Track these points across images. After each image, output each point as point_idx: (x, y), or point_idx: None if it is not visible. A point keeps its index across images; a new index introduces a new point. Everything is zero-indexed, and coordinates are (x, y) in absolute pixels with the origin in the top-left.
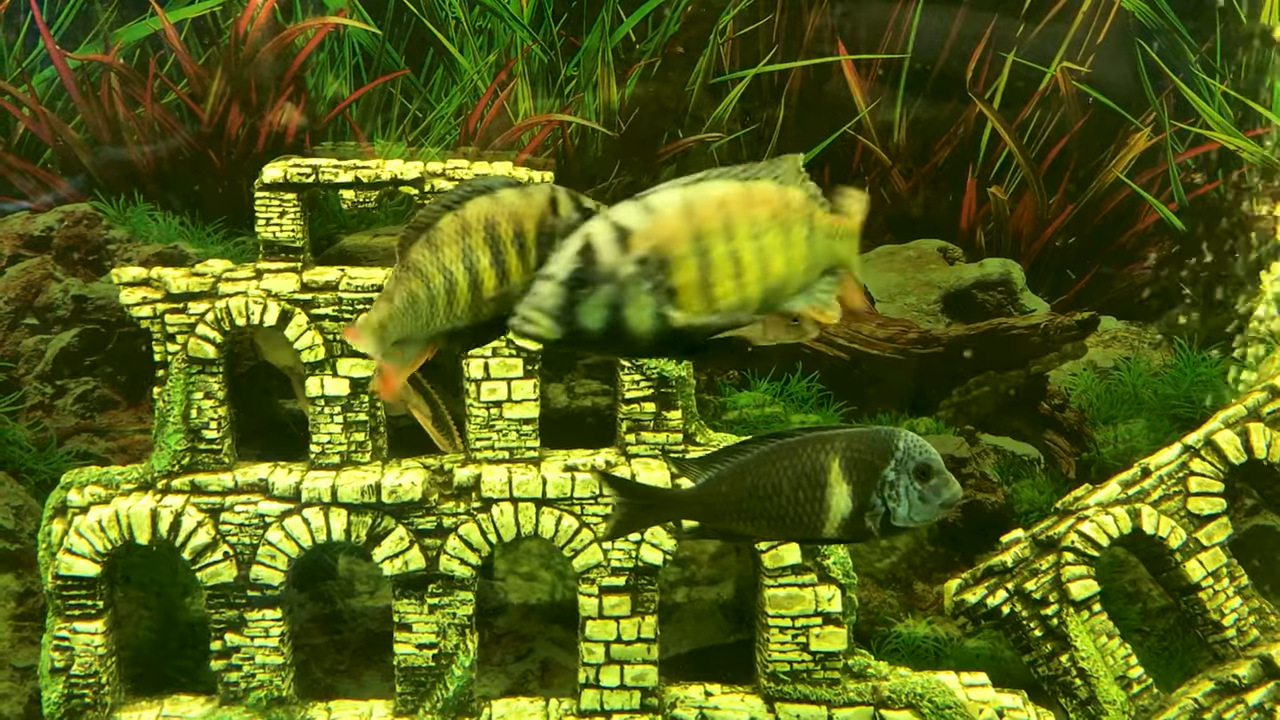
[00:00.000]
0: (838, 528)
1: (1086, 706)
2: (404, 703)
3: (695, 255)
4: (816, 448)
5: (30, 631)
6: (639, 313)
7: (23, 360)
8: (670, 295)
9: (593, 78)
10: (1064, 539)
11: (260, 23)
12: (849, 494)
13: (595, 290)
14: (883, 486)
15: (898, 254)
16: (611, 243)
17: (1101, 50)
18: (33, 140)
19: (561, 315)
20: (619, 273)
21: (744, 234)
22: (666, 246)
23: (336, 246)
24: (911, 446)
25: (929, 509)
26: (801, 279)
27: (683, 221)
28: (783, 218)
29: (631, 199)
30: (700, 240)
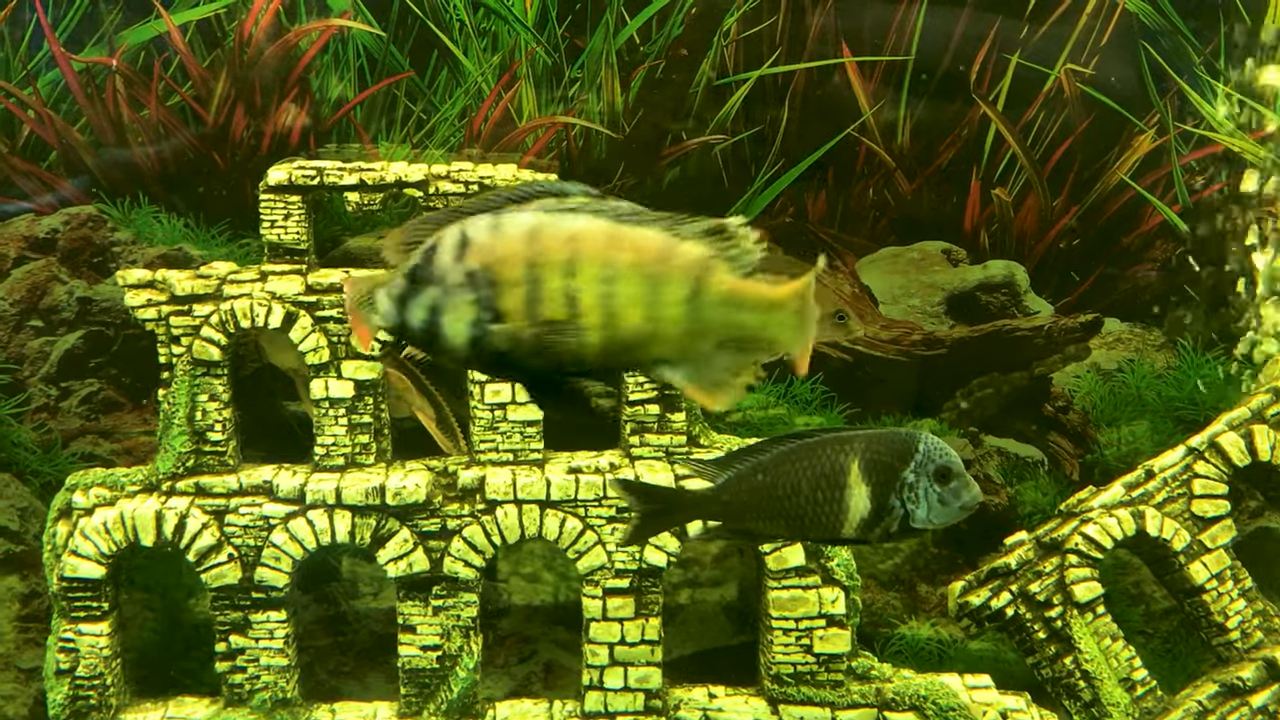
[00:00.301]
0: (856, 529)
1: (1090, 708)
2: (408, 704)
3: (526, 283)
4: (836, 449)
5: (35, 633)
6: (456, 322)
7: (28, 362)
8: (495, 316)
9: (596, 80)
10: (1068, 541)
11: (265, 25)
12: (868, 495)
13: (423, 290)
14: (902, 488)
15: (901, 256)
16: (451, 249)
17: (1105, 52)
18: (38, 143)
19: (395, 306)
20: (447, 278)
21: (589, 275)
22: (498, 266)
23: (341, 249)
24: (932, 449)
25: (948, 511)
26: (680, 345)
27: (523, 245)
28: (651, 270)
29: (497, 212)
30: (535, 269)
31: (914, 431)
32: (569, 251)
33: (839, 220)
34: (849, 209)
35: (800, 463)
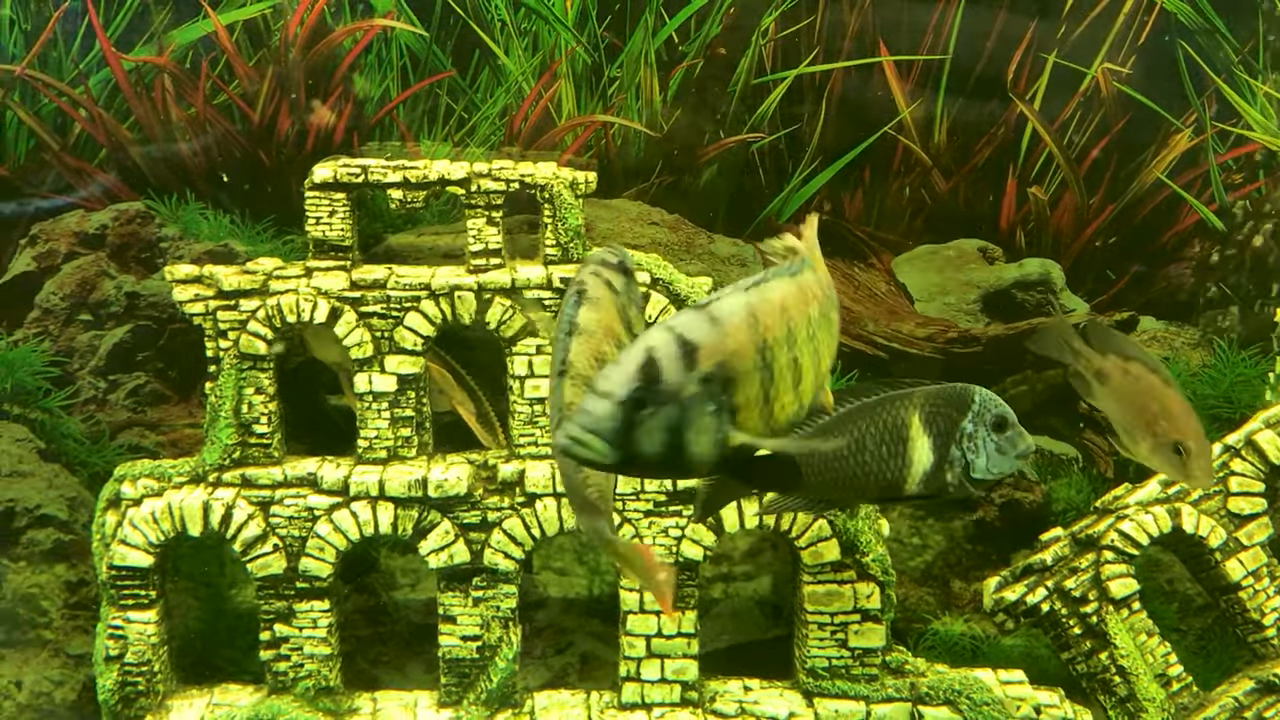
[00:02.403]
0: (919, 482)
1: (1126, 704)
2: (448, 693)
3: (760, 369)
4: (896, 404)
5: (84, 620)
6: (699, 436)
7: (77, 355)
8: (732, 415)
9: (635, 79)
10: (1103, 538)
11: (310, 25)
12: (930, 447)
13: (657, 412)
14: (962, 439)
15: (938, 254)
16: (676, 359)
17: (1143, 51)
18: (89, 140)
19: (617, 438)
20: (683, 393)
21: (803, 337)
22: (733, 361)
23: (383, 245)
24: (987, 399)
25: (1006, 461)
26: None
27: (749, 332)
28: (818, 310)
29: (694, 306)
30: (766, 351)
31: (967, 385)
32: (785, 321)
33: (875, 218)
34: (885, 207)
35: (862, 421)
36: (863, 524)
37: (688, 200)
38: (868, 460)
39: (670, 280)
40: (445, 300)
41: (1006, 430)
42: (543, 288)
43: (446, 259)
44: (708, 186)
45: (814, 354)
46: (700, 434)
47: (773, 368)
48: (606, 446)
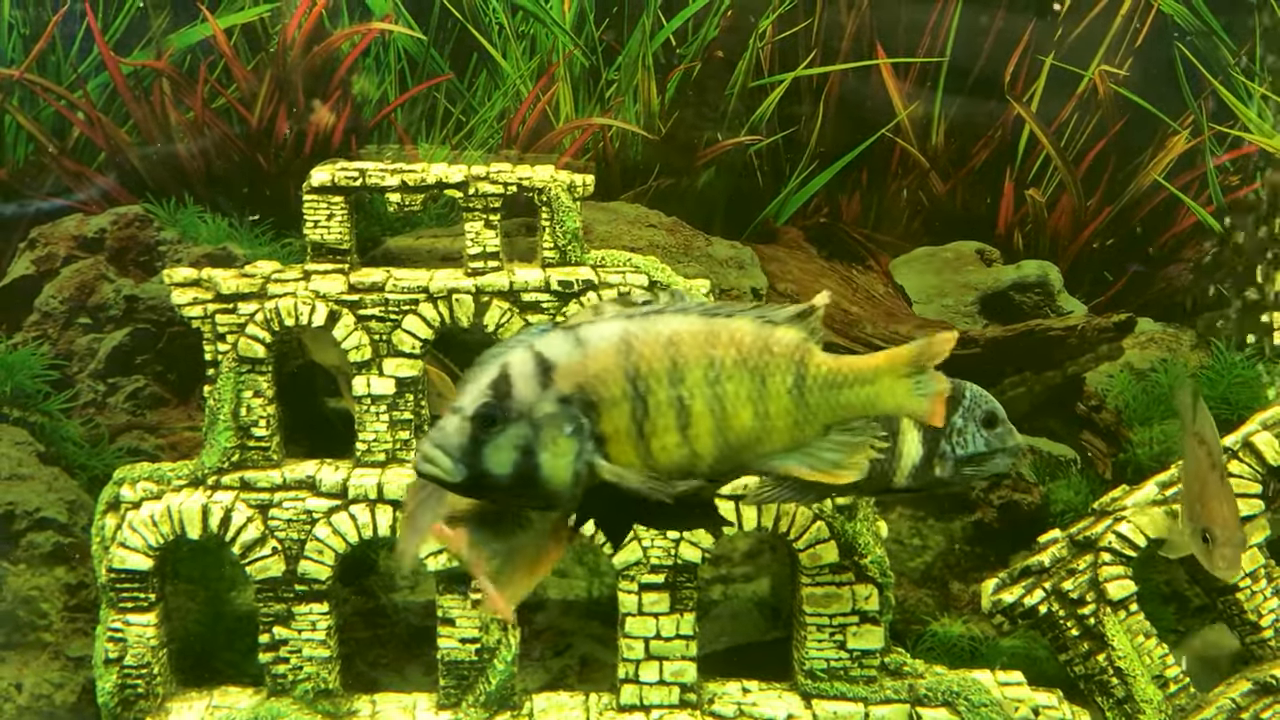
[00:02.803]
0: (908, 476)
1: (1123, 705)
2: (447, 696)
3: (630, 399)
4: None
5: (83, 623)
6: (555, 460)
7: (76, 358)
8: (599, 444)
9: (633, 81)
10: (1101, 539)
11: (308, 28)
12: (919, 440)
13: (506, 430)
14: (951, 433)
15: (936, 256)
16: (530, 376)
17: (1140, 53)
18: (87, 144)
19: (464, 456)
20: (535, 412)
21: (697, 378)
22: (595, 386)
23: (381, 248)
24: (977, 395)
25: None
26: (790, 435)
27: (617, 358)
28: (754, 368)
29: (566, 325)
30: (639, 381)
31: (958, 380)
32: (670, 356)
33: (873, 220)
34: (883, 209)
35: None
36: (861, 526)
37: (685, 202)
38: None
39: (669, 283)
40: (443, 303)
41: (996, 426)
42: (541, 290)
43: (444, 262)
44: (706, 189)
45: (715, 403)
46: (557, 458)
47: (646, 400)
48: (452, 464)
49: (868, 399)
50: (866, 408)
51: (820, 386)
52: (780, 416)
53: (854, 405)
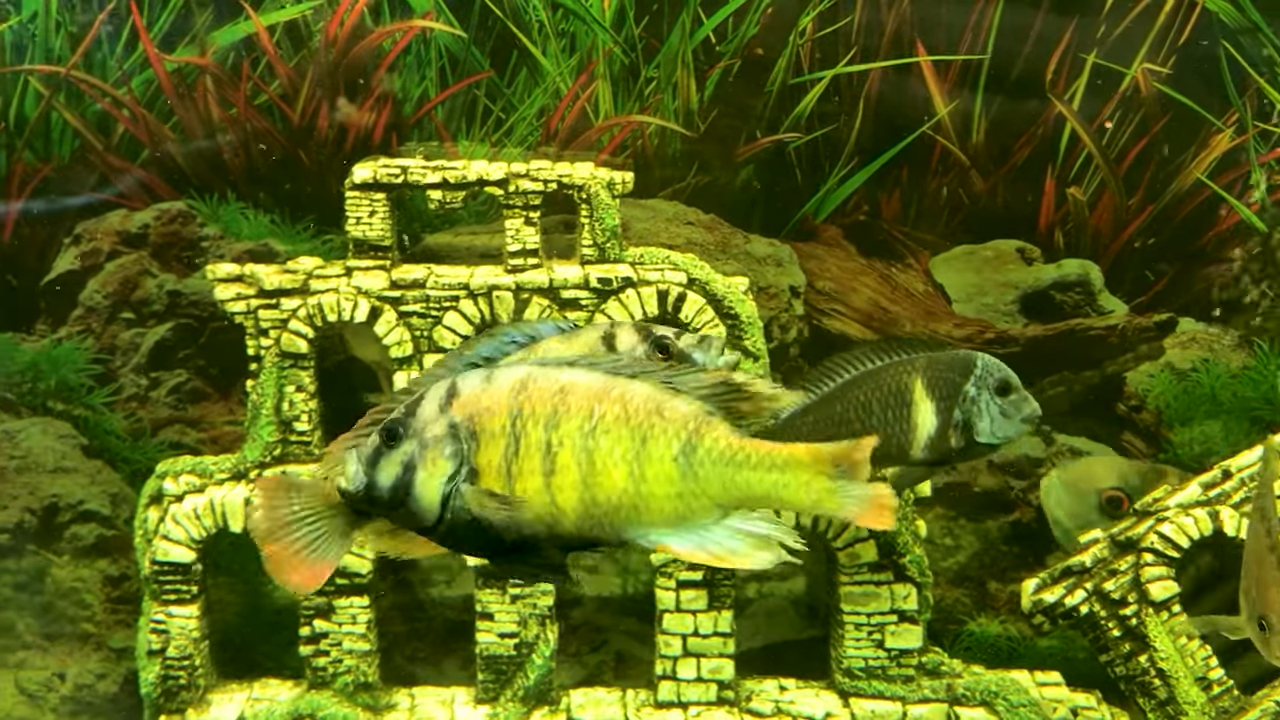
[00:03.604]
0: (924, 447)
1: (1165, 707)
2: (485, 690)
3: (507, 435)
4: (899, 370)
5: (125, 614)
6: (429, 479)
7: (119, 353)
8: (472, 474)
9: (672, 79)
10: (1143, 540)
11: (349, 26)
12: (934, 410)
13: (399, 445)
14: (965, 401)
15: (975, 254)
16: (439, 400)
17: (1183, 50)
18: (131, 140)
19: (365, 467)
20: (426, 432)
21: (572, 428)
22: (482, 418)
23: (421, 245)
24: (989, 364)
25: (1010, 425)
26: (673, 508)
27: (510, 397)
28: (639, 424)
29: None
30: (519, 420)
31: (970, 351)
32: (554, 403)
33: (913, 218)
34: (923, 207)
35: (867, 386)
36: (900, 525)
37: (724, 200)
38: (874, 425)
39: (707, 280)
40: (484, 300)
41: (1010, 394)
42: (580, 287)
43: (483, 259)
44: (744, 186)
45: (584, 455)
46: (431, 478)
47: (519, 440)
48: (353, 471)
49: (772, 487)
50: (770, 497)
51: (714, 460)
52: (660, 484)
53: (754, 491)
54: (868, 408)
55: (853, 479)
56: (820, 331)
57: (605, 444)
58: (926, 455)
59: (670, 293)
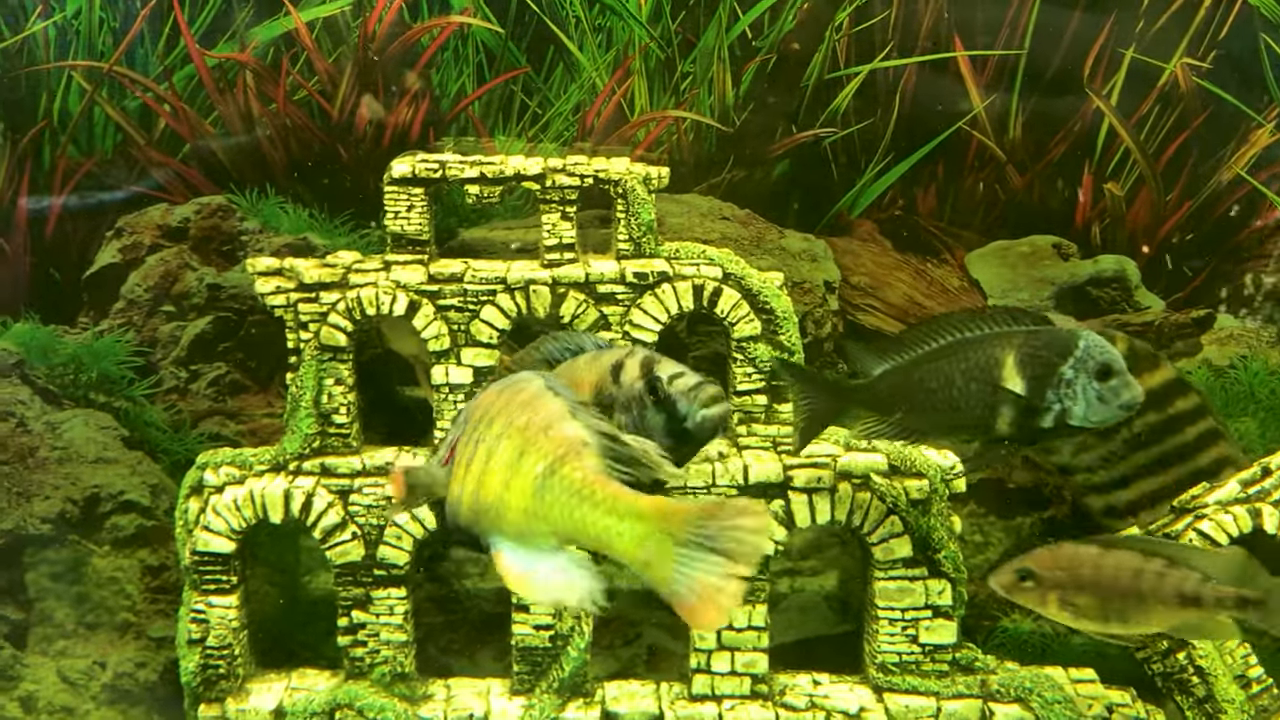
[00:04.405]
0: (1010, 424)
1: (1204, 705)
2: (521, 682)
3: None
4: (992, 343)
5: (164, 604)
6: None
7: (160, 346)
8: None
9: (708, 74)
10: (1181, 537)
11: (388, 22)
12: (1024, 389)
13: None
14: (1060, 384)
15: (1011, 250)
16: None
17: (1223, 45)
18: (172, 135)
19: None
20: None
21: (494, 430)
22: (472, 410)
23: (458, 239)
24: (1092, 346)
25: (1107, 410)
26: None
27: (493, 395)
28: (525, 439)
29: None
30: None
31: (1074, 329)
32: (500, 404)
33: (948, 214)
34: (959, 202)
35: (956, 355)
36: (935, 521)
37: (759, 195)
38: (955, 396)
39: (742, 275)
40: (520, 294)
41: (1111, 378)
42: (616, 282)
43: (519, 253)
44: (779, 181)
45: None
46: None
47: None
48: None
49: (604, 532)
50: (600, 541)
51: (563, 489)
52: (518, 497)
53: (588, 530)
54: (949, 378)
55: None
56: (854, 327)
57: (499, 448)
58: (1012, 433)
59: (706, 287)
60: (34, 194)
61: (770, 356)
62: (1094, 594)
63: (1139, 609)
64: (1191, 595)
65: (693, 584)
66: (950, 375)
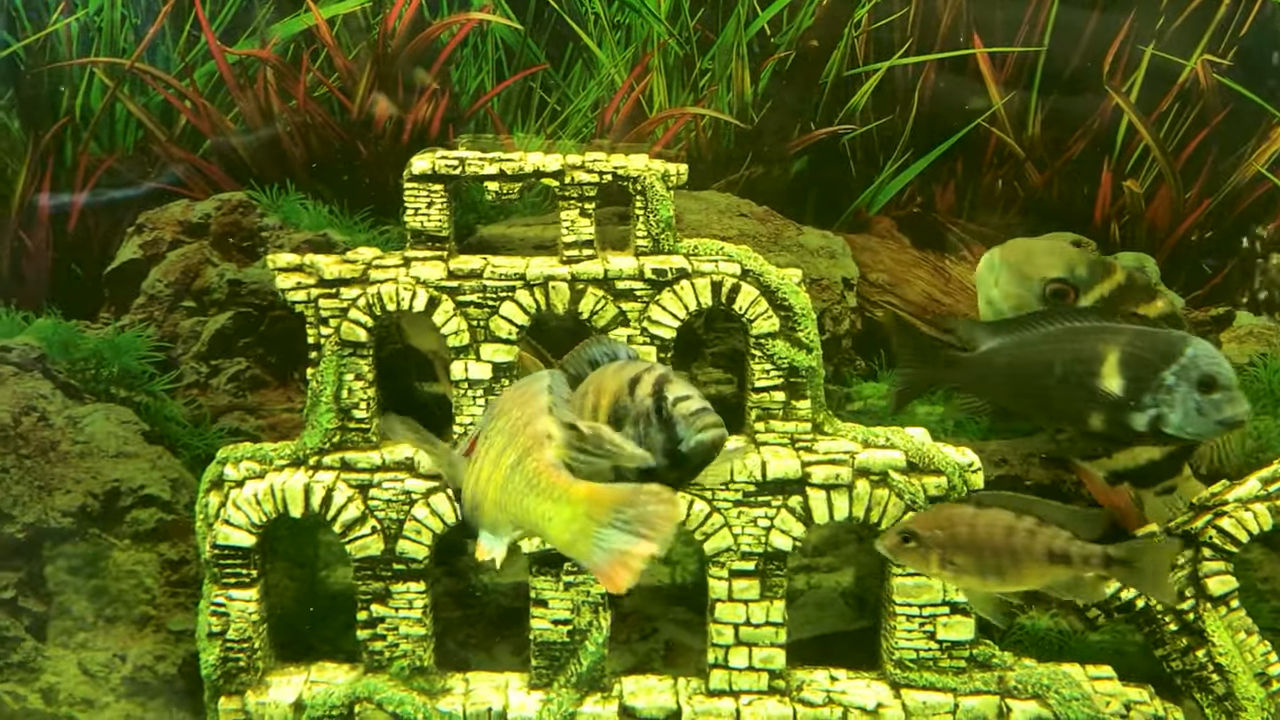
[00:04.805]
0: (1102, 421)
1: (1223, 702)
2: (539, 676)
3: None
4: (1098, 336)
5: (184, 597)
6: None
7: (180, 341)
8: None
9: (727, 71)
10: (1201, 534)
11: (408, 18)
12: (1121, 389)
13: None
14: (1159, 389)
15: None
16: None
17: (1244, 42)
18: (193, 131)
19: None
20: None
21: (498, 426)
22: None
23: (476, 236)
24: (1200, 355)
25: (1205, 424)
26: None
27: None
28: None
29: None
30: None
31: (1186, 335)
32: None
33: (967, 211)
34: (977, 199)
35: (1060, 344)
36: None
37: (777, 192)
38: (1052, 385)
39: (761, 272)
40: (540, 290)
41: (1214, 391)
42: (634, 278)
43: (537, 250)
44: (797, 178)
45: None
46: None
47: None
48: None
49: (541, 518)
50: (538, 527)
51: (522, 479)
52: (492, 489)
53: (530, 516)
54: (1048, 366)
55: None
56: (873, 323)
57: (493, 440)
58: (1105, 429)
59: (724, 284)
60: (56, 190)
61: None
62: (970, 553)
63: (1013, 567)
64: (1060, 553)
65: (607, 555)
66: (1051, 363)
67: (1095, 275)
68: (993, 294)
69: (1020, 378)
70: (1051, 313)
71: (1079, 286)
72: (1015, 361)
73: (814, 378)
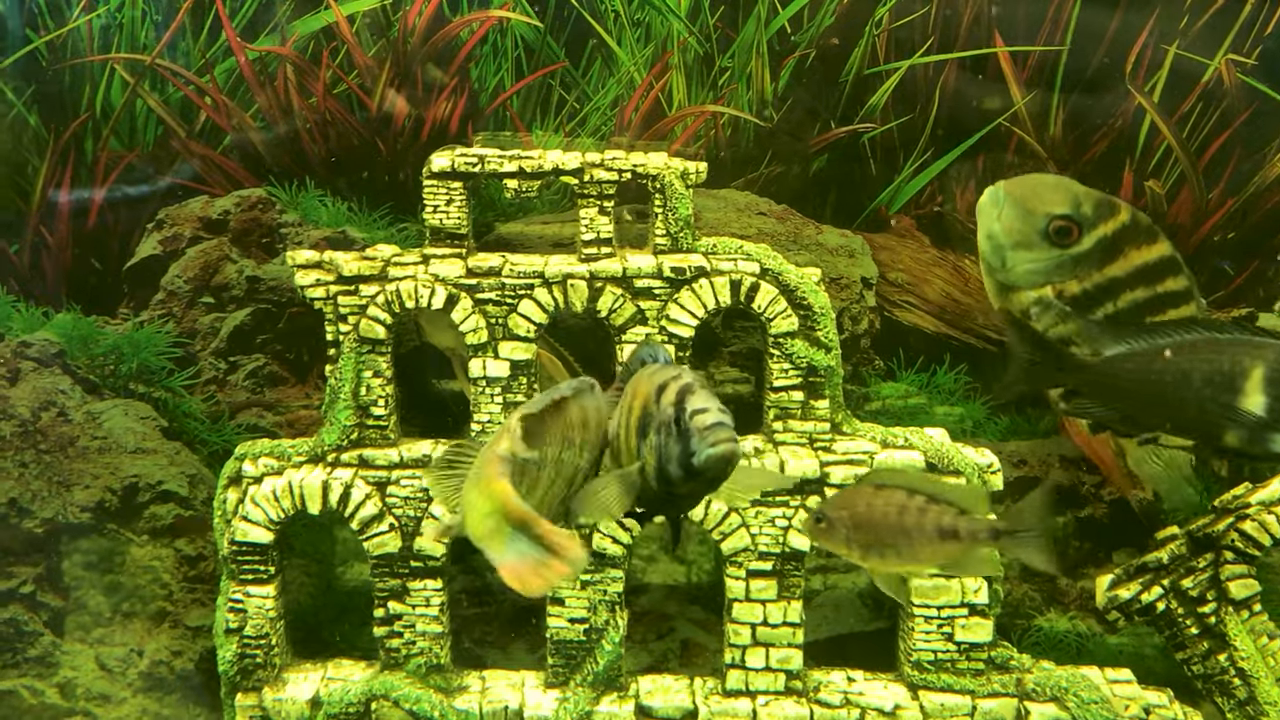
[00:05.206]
0: (1241, 439)
1: (1245, 707)
2: (555, 674)
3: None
4: (1244, 349)
5: (201, 593)
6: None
7: (199, 337)
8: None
9: (747, 69)
10: (1223, 538)
11: (428, 15)
12: (1264, 407)
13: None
14: None
15: None
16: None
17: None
18: (213, 128)
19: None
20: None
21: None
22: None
23: (495, 233)
24: None
25: None
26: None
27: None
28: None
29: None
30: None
31: None
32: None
33: None
34: None
35: (1200, 355)
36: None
37: (796, 190)
38: (1188, 397)
39: (780, 271)
40: (558, 288)
41: None
42: (653, 277)
43: (555, 247)
44: (817, 177)
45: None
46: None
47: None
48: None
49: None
50: (464, 513)
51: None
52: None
53: (467, 514)
54: (1186, 377)
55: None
56: (892, 323)
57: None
58: (1242, 446)
59: (743, 283)
60: (76, 186)
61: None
62: (869, 531)
63: (908, 545)
64: (949, 529)
65: (517, 556)
66: (1189, 374)
67: (1100, 213)
68: (994, 228)
69: (1152, 387)
70: (1190, 322)
71: (1083, 224)
72: (1147, 370)
73: (832, 377)
